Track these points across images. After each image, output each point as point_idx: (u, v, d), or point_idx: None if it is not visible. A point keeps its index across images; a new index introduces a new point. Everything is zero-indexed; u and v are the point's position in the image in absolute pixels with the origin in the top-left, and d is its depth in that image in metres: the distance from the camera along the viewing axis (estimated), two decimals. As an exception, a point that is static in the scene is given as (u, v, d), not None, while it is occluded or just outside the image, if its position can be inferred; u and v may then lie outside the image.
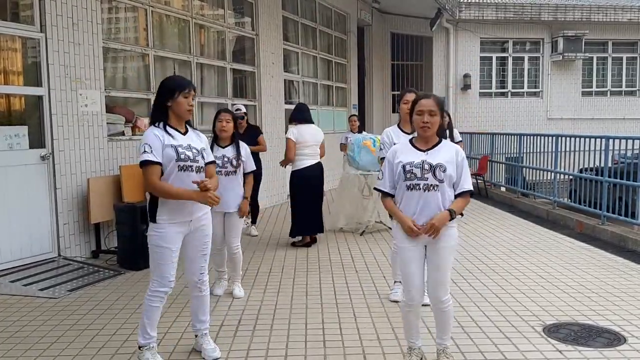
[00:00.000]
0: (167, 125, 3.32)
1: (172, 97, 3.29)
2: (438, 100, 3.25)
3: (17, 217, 5.59)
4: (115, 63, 7.12)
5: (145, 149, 3.18)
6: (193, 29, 8.22)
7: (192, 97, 3.35)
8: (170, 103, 3.30)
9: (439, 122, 3.20)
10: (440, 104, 3.25)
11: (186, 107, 3.32)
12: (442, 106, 3.28)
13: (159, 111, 3.35)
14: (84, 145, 6.22)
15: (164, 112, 3.33)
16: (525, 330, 4.01)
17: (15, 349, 3.81)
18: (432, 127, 3.18)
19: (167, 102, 3.30)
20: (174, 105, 3.30)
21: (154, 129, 3.29)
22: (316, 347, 3.75)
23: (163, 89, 3.34)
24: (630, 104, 17.42)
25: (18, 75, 5.98)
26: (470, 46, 16.40)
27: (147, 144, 3.20)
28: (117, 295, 4.98)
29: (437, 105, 3.20)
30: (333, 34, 13.45)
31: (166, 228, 3.30)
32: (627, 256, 6.22)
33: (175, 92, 3.29)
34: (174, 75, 3.76)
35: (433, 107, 3.17)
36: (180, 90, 3.29)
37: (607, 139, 7.78)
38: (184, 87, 3.30)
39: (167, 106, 3.31)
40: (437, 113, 3.18)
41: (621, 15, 16.66)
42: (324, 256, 6.33)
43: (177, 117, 3.34)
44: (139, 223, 5.82)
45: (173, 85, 3.32)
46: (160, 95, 3.33)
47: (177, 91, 3.29)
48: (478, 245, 6.83)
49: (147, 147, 3.19)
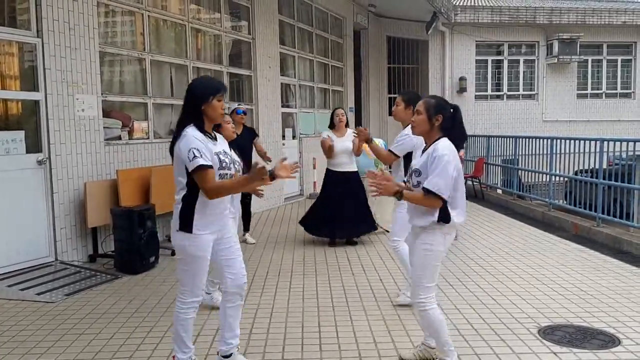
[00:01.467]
0: (203, 130, 3.14)
1: (207, 100, 3.13)
2: (427, 101, 3.32)
3: (14, 222, 5.59)
4: (111, 67, 7.14)
5: (194, 153, 3.00)
6: (189, 33, 8.25)
7: (224, 99, 3.21)
8: (203, 107, 3.13)
9: (423, 120, 3.26)
10: (428, 104, 3.29)
11: (220, 111, 3.18)
12: (429, 106, 3.27)
13: (192, 115, 3.15)
14: (81, 150, 6.23)
15: (199, 116, 3.14)
16: (520, 332, 4.03)
17: (12, 354, 3.82)
18: (416, 126, 3.32)
19: (202, 105, 3.13)
20: (207, 109, 3.13)
21: (193, 131, 3.09)
22: (312, 350, 3.77)
23: (196, 92, 3.16)
24: (625, 106, 17.51)
25: (15, 80, 5.99)
26: (466, 49, 16.47)
27: (194, 149, 3.01)
28: (114, 299, 4.99)
29: (423, 104, 3.30)
30: (329, 37, 13.49)
31: (202, 237, 3.14)
32: (622, 258, 6.25)
33: (209, 96, 3.13)
34: (204, 77, 3.52)
35: (419, 106, 3.32)
36: (214, 94, 3.14)
37: (602, 141, 7.83)
38: (218, 91, 3.16)
39: (201, 110, 3.14)
40: (422, 112, 3.27)
41: (615, 18, 16.75)
42: (320, 259, 6.35)
43: (209, 121, 3.18)
44: (136, 227, 5.84)
45: (207, 89, 3.16)
46: (194, 98, 3.15)
47: (211, 95, 3.13)
48: (473, 247, 6.86)
49: (195, 151, 3.00)
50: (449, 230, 3.23)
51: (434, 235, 3.20)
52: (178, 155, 3.09)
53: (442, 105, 3.32)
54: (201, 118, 3.14)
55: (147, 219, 5.99)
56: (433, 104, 3.29)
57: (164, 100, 7.87)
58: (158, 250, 6.18)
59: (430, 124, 3.27)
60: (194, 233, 3.12)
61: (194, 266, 3.17)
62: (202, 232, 3.13)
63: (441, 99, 3.44)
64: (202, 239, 3.14)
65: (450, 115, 3.28)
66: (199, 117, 3.14)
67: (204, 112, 3.13)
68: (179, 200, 3.15)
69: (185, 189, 3.13)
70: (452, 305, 4.65)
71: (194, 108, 3.14)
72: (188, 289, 3.22)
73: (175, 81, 8.13)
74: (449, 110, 3.30)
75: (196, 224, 3.12)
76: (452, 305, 4.64)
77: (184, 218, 3.13)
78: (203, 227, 3.13)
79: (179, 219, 3.14)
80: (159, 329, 4.24)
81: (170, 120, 8.14)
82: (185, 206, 3.12)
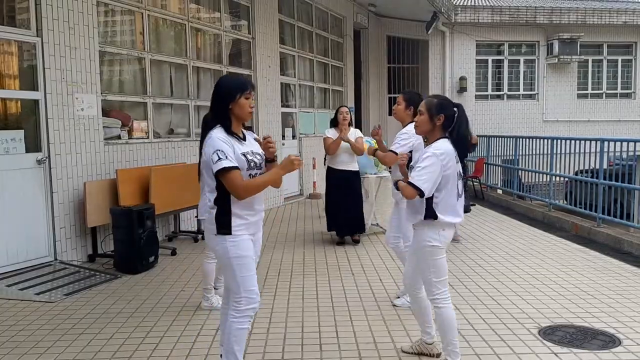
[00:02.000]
0: (229, 130, 3.04)
1: (233, 99, 3.03)
2: (429, 101, 3.36)
3: (13, 221, 5.58)
4: (111, 67, 7.13)
5: (219, 155, 2.88)
6: (189, 33, 8.24)
7: (252, 97, 3.11)
8: (231, 105, 3.04)
9: (425, 120, 3.31)
10: (430, 104, 3.32)
11: (248, 109, 3.08)
12: (431, 106, 3.30)
13: (220, 115, 3.05)
14: (80, 149, 6.22)
15: (226, 115, 3.05)
16: (520, 333, 4.03)
17: (12, 354, 3.81)
18: (419, 126, 3.38)
19: (229, 104, 3.03)
20: (235, 107, 3.04)
21: (218, 132, 2.99)
22: (312, 351, 3.76)
23: (222, 90, 3.07)
24: (626, 106, 17.50)
25: (14, 79, 5.98)
26: (466, 49, 16.46)
27: (219, 150, 2.89)
28: (114, 299, 4.98)
29: (425, 104, 3.34)
30: (329, 37, 13.48)
31: (243, 237, 3.01)
32: (622, 258, 6.25)
33: (236, 94, 3.03)
34: (230, 75, 3.44)
35: (421, 106, 3.36)
36: (241, 92, 3.04)
37: (602, 141, 7.82)
38: (246, 88, 3.06)
39: (229, 109, 3.04)
40: (424, 112, 3.31)
41: (616, 17, 16.74)
42: (320, 259, 6.34)
43: (237, 120, 3.08)
44: (136, 227, 5.83)
45: (233, 86, 3.06)
46: (221, 97, 3.05)
47: (238, 92, 3.03)
48: (474, 247, 6.85)
49: (220, 153, 2.89)
50: (443, 227, 3.26)
51: (427, 232, 3.27)
52: (205, 155, 2.99)
53: (444, 105, 3.32)
54: (228, 117, 3.04)
55: (146, 219, 5.98)
56: (435, 104, 3.30)
57: (164, 99, 7.86)
58: (158, 250, 6.17)
59: (432, 124, 3.29)
60: (234, 234, 2.98)
61: (240, 268, 2.98)
62: (241, 232, 3.00)
63: (444, 98, 3.44)
64: (244, 239, 3.01)
65: (452, 115, 3.29)
66: (227, 116, 3.04)
67: (231, 111, 3.04)
68: (211, 204, 3.00)
69: (215, 191, 2.99)
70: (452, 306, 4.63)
71: (221, 107, 3.05)
72: (242, 296, 2.99)
73: (175, 81, 8.12)
74: (452, 110, 3.31)
75: (235, 225, 2.98)
76: (453, 306, 4.62)
77: (221, 221, 2.98)
78: (242, 228, 3.00)
79: (216, 223, 2.98)
80: (158, 328, 4.23)
81: (170, 119, 8.14)
82: (221, 209, 2.98)
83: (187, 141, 8.05)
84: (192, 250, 6.83)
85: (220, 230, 2.98)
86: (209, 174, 2.98)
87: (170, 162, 7.60)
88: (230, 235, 2.97)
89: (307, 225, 8.61)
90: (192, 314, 4.54)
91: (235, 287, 3.01)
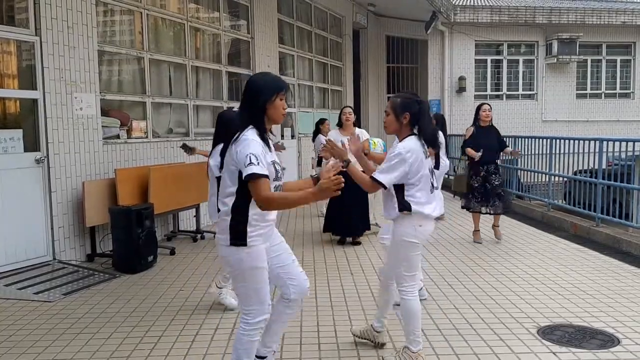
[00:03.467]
0: (263, 134, 2.82)
1: (270, 99, 2.82)
2: (392, 101, 3.45)
3: (11, 221, 5.58)
4: (110, 66, 7.12)
5: (251, 159, 2.66)
6: (188, 32, 8.23)
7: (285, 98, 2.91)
8: (267, 106, 2.82)
9: (392, 120, 3.42)
10: (394, 103, 3.42)
11: (282, 111, 2.88)
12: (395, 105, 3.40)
13: (254, 115, 2.82)
14: (79, 149, 6.21)
15: (260, 116, 2.82)
16: (519, 332, 4.02)
17: (10, 353, 3.80)
18: (387, 126, 3.47)
19: (266, 104, 2.81)
20: (270, 108, 2.82)
21: (254, 135, 2.76)
22: (311, 350, 3.75)
23: (259, 88, 2.83)
24: (625, 106, 17.51)
25: (13, 78, 5.97)
26: (465, 49, 16.46)
27: (253, 155, 2.67)
28: (112, 298, 4.97)
29: (390, 105, 3.44)
30: (328, 37, 13.49)
31: (259, 247, 2.84)
32: (621, 258, 6.25)
33: (274, 93, 2.82)
34: (265, 73, 3.13)
35: (387, 107, 3.47)
36: (278, 92, 2.83)
37: (601, 141, 7.82)
38: (282, 88, 2.86)
39: (264, 109, 2.82)
40: (390, 113, 3.42)
41: (615, 18, 16.74)
42: (319, 258, 6.34)
43: (269, 122, 2.87)
44: (135, 226, 5.82)
45: (271, 85, 2.84)
46: (257, 96, 2.82)
47: (275, 92, 2.82)
48: (472, 247, 6.85)
49: (253, 157, 2.66)
50: (419, 221, 3.35)
51: (404, 227, 3.36)
52: (232, 158, 2.75)
53: (408, 103, 3.42)
54: (262, 119, 2.83)
55: (145, 218, 5.97)
56: (398, 103, 3.42)
57: (163, 99, 7.85)
58: (156, 249, 6.16)
59: (398, 123, 3.42)
60: (249, 245, 2.79)
61: (255, 279, 2.85)
62: (256, 243, 2.82)
63: (407, 97, 3.48)
64: (259, 249, 2.84)
65: (416, 111, 3.39)
66: (261, 117, 2.82)
67: (265, 112, 2.83)
68: (227, 211, 2.81)
69: (233, 196, 2.79)
70: (451, 305, 4.64)
71: (257, 107, 2.81)
72: (255, 308, 2.87)
73: (174, 80, 8.12)
74: (416, 107, 3.40)
75: (250, 235, 2.80)
76: (452, 305, 4.63)
77: (236, 231, 2.79)
78: (257, 238, 2.83)
79: (230, 232, 2.79)
80: (157, 328, 4.22)
81: (169, 119, 8.13)
82: (237, 218, 2.79)
83: (186, 140, 8.04)
84: (191, 250, 6.82)
85: (235, 241, 2.79)
86: (231, 177, 2.79)
87: (169, 161, 7.60)
88: (245, 247, 2.79)
89: (305, 225, 8.60)
90: (190, 314, 4.53)
91: (248, 300, 2.88)
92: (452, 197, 11.33)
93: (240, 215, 2.78)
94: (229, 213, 2.79)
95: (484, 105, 7.27)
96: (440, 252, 6.62)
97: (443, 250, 6.69)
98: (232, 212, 2.79)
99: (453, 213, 9.25)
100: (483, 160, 6.95)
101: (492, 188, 6.98)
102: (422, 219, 3.35)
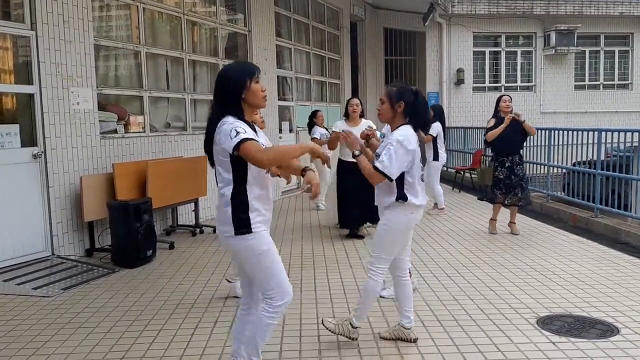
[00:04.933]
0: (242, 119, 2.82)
1: (245, 86, 2.80)
2: (388, 89, 3.53)
3: (9, 216, 5.56)
4: (107, 61, 7.09)
5: (236, 130, 2.66)
6: (185, 26, 8.19)
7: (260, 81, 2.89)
8: (244, 94, 2.81)
9: (387, 108, 3.50)
10: (390, 92, 3.50)
11: (262, 94, 2.87)
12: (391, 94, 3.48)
13: (230, 106, 2.80)
14: (77, 144, 6.19)
15: (238, 105, 2.81)
16: (518, 322, 4.03)
17: (9, 348, 3.80)
18: (382, 114, 3.57)
19: (241, 93, 2.80)
20: (248, 95, 2.82)
21: (234, 119, 2.76)
22: (311, 342, 3.75)
23: (230, 80, 2.82)
24: (623, 97, 17.49)
25: (9, 73, 5.94)
26: (463, 41, 16.41)
27: (237, 127, 2.69)
28: (111, 293, 4.97)
29: (385, 93, 3.52)
30: (326, 29, 13.43)
31: (263, 233, 2.84)
32: (620, 248, 6.26)
33: (246, 81, 2.81)
34: (235, 63, 3.19)
35: (382, 95, 3.55)
36: (250, 77, 2.82)
37: (600, 132, 7.82)
38: (254, 72, 2.85)
39: (241, 99, 2.81)
40: (385, 101, 3.51)
41: (612, 8, 16.70)
42: (318, 252, 6.33)
43: (251, 108, 2.88)
44: (133, 221, 5.81)
45: (242, 73, 2.84)
46: (231, 87, 2.80)
47: (247, 79, 2.81)
48: (472, 238, 6.86)
49: (238, 128, 2.68)
50: (411, 210, 3.46)
51: (396, 213, 3.46)
52: (219, 145, 2.74)
53: (403, 92, 3.49)
54: (240, 107, 2.82)
55: (144, 213, 5.96)
56: (394, 92, 3.49)
57: (160, 93, 7.82)
58: (155, 244, 6.15)
59: (393, 112, 3.50)
60: (254, 231, 2.79)
61: (268, 263, 2.84)
62: (260, 229, 2.82)
63: (402, 86, 3.56)
64: (264, 234, 2.85)
65: (412, 101, 3.45)
66: (238, 106, 2.81)
67: (244, 100, 2.82)
68: (226, 201, 2.79)
69: (231, 185, 2.78)
70: (450, 296, 4.64)
71: (231, 98, 2.81)
72: (276, 290, 2.86)
73: (171, 74, 8.09)
74: (411, 97, 3.47)
75: (254, 221, 2.79)
76: (451, 296, 4.64)
77: (239, 220, 2.78)
78: (260, 224, 2.82)
79: (233, 223, 2.78)
80: (156, 322, 4.22)
81: (167, 113, 8.11)
82: (237, 204, 2.78)
83: (184, 135, 8.03)
84: (190, 245, 6.81)
85: (239, 230, 2.78)
86: (225, 166, 2.78)
87: (167, 156, 7.58)
88: (251, 234, 2.79)
89: (305, 218, 8.60)
90: (190, 308, 4.53)
91: (265, 283, 2.86)
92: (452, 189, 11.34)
93: (241, 203, 2.78)
94: (229, 202, 2.78)
95: (504, 97, 7.20)
96: (439, 244, 6.62)
97: (442, 242, 6.69)
98: (232, 200, 2.78)
99: (453, 205, 9.25)
100: (507, 151, 6.84)
101: (517, 179, 6.84)
102: (414, 208, 3.48)
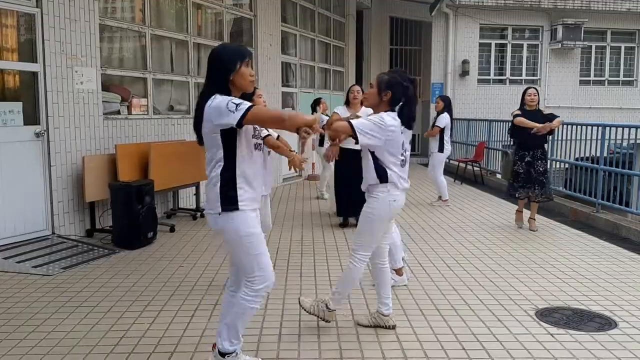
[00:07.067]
0: None
1: (235, 68, 2.81)
2: (380, 76, 3.57)
3: (11, 194, 5.56)
4: (111, 41, 7.05)
5: (235, 102, 2.69)
6: (190, 9, 8.13)
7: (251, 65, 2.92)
8: (232, 76, 2.82)
9: (373, 94, 3.55)
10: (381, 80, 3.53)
11: (249, 78, 2.87)
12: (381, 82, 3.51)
13: (218, 86, 2.81)
14: (79, 123, 6.17)
15: (225, 87, 2.82)
16: (517, 314, 4.04)
17: (9, 325, 3.81)
18: (367, 98, 3.68)
19: (229, 76, 2.81)
20: (236, 78, 2.83)
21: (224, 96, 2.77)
22: (310, 327, 3.76)
23: (220, 61, 2.84)
24: (628, 93, 17.40)
25: (13, 50, 5.90)
26: (470, 32, 16.28)
27: (231, 101, 2.70)
28: (112, 273, 4.98)
29: (377, 79, 3.57)
30: (332, 16, 13.35)
31: (249, 214, 2.86)
32: (620, 243, 6.26)
33: (236, 63, 2.82)
34: (226, 44, 3.22)
35: (374, 80, 3.60)
36: (241, 60, 2.83)
37: (603, 127, 7.79)
38: (245, 56, 2.86)
39: (229, 81, 2.83)
40: (375, 86, 3.56)
41: (620, 4, 16.56)
42: (318, 239, 6.34)
43: (237, 91, 2.87)
44: (135, 202, 5.81)
45: (232, 56, 2.84)
46: (219, 68, 2.83)
47: (237, 61, 2.82)
48: (473, 230, 6.86)
49: (235, 100, 2.71)
50: (393, 197, 3.51)
51: (379, 201, 3.52)
52: (210, 121, 2.74)
53: (393, 82, 3.50)
54: (228, 89, 2.82)
55: (145, 195, 5.96)
56: (385, 80, 3.52)
57: (164, 75, 7.79)
58: (156, 225, 6.16)
59: (378, 98, 3.52)
60: (241, 209, 2.81)
61: (251, 246, 2.85)
62: (247, 207, 2.84)
63: (394, 77, 3.55)
64: (251, 216, 2.86)
65: (399, 95, 3.48)
66: (226, 88, 2.82)
67: (232, 83, 2.83)
68: (215, 177, 2.82)
69: (221, 162, 2.81)
70: (449, 287, 4.65)
71: (220, 79, 2.83)
72: (256, 274, 2.88)
73: (175, 57, 8.04)
74: (400, 90, 3.48)
75: (241, 198, 2.81)
76: (450, 287, 4.64)
77: (226, 196, 2.80)
78: (248, 202, 2.84)
79: (220, 198, 2.80)
80: (156, 303, 4.23)
81: (170, 96, 8.07)
82: (225, 181, 2.81)
83: (187, 118, 8.00)
84: (191, 228, 6.82)
85: (226, 206, 2.80)
86: (214, 143, 2.80)
87: (169, 139, 7.56)
88: (238, 212, 2.81)
89: (305, 206, 8.60)
90: (190, 290, 4.54)
91: (248, 266, 2.88)
92: (453, 181, 11.33)
93: (229, 179, 2.82)
94: (218, 178, 2.82)
95: (529, 90, 7.04)
96: (440, 235, 6.63)
97: (443, 234, 6.69)
98: (221, 176, 2.81)
99: (454, 197, 9.25)
100: (530, 145, 6.68)
101: (537, 174, 6.69)
102: (396, 192, 3.52)
